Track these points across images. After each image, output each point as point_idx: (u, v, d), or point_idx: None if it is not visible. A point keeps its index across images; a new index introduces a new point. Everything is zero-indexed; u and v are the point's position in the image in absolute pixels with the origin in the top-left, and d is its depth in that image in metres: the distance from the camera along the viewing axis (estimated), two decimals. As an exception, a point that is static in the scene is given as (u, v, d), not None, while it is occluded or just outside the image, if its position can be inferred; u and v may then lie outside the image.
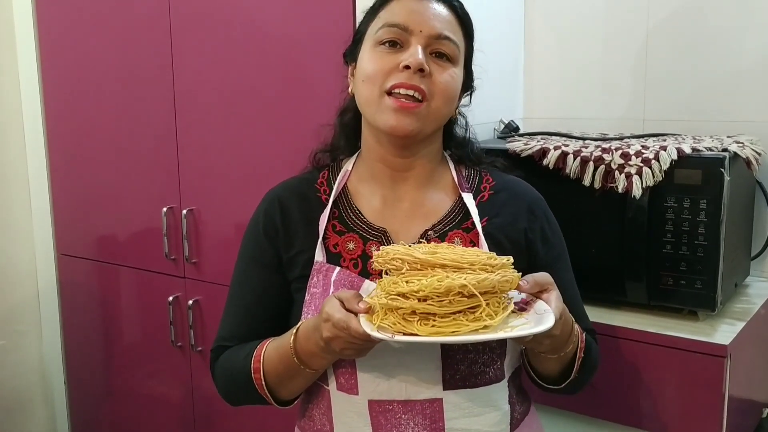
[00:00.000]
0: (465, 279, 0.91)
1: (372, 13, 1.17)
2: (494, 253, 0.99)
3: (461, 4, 1.17)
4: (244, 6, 1.85)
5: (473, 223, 1.15)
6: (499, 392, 1.12)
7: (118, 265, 2.25)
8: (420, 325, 0.92)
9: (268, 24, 1.82)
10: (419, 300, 0.92)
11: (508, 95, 2.04)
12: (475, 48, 1.21)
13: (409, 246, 1.00)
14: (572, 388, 1.17)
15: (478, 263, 0.95)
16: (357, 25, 1.22)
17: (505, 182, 1.22)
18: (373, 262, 1.02)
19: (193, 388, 2.15)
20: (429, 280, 0.92)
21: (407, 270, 0.96)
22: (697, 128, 1.79)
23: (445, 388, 1.08)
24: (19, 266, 2.45)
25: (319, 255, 1.14)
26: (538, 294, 1.02)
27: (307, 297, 1.13)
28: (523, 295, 1.03)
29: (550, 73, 2.04)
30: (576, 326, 1.11)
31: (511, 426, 1.15)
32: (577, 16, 1.97)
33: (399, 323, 0.92)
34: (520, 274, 1.00)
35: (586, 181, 1.50)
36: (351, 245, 1.15)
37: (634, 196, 1.45)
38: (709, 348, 1.36)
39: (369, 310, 0.97)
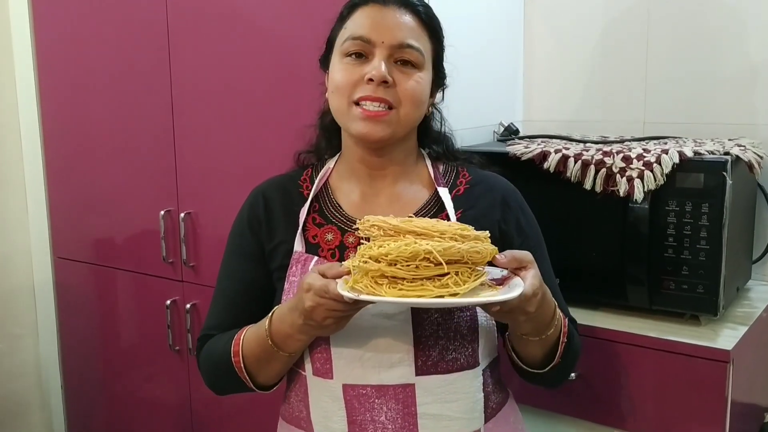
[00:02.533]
0: (430, 245, 0.94)
1: (340, 20, 1.21)
2: (471, 227, 1.02)
3: (426, 7, 1.19)
4: (243, 8, 1.84)
5: (448, 216, 1.18)
6: (472, 380, 1.14)
7: (116, 269, 2.24)
8: (388, 288, 0.95)
9: (267, 27, 1.81)
10: (389, 264, 0.95)
11: (508, 98, 2.03)
12: (446, 44, 1.24)
13: (391, 216, 1.04)
14: (555, 375, 1.18)
15: (449, 232, 0.98)
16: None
17: (480, 177, 1.26)
18: (349, 252, 1.12)
19: (190, 393, 2.13)
20: (396, 244, 0.95)
21: (381, 236, 1.00)
22: (697, 131, 1.78)
23: (417, 374, 1.11)
24: (15, 269, 2.43)
25: (299, 245, 1.19)
26: (516, 271, 1.03)
27: (286, 285, 1.18)
28: (505, 273, 1.05)
29: (549, 76, 2.03)
30: (559, 312, 1.13)
31: (485, 415, 1.17)
32: (576, 18, 1.96)
33: (370, 286, 0.96)
34: (496, 248, 1.02)
35: (587, 185, 1.50)
36: (329, 236, 1.20)
37: (636, 199, 1.44)
38: (712, 353, 1.35)
39: (348, 273, 1.01)
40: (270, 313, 1.13)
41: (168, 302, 2.10)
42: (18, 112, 2.38)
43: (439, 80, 1.25)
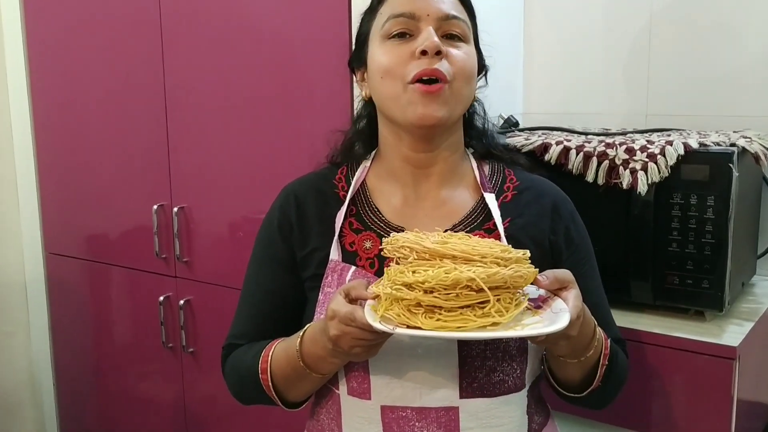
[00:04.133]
0: (474, 272, 0.87)
1: (370, 12, 1.15)
2: (510, 246, 0.95)
3: None
4: (236, 4, 1.81)
5: (495, 224, 1.11)
6: (518, 403, 1.07)
7: (108, 264, 2.21)
8: (425, 318, 0.88)
9: (259, 21, 1.78)
10: (425, 292, 0.88)
11: (508, 90, 2.00)
12: (479, 28, 1.18)
13: (422, 234, 0.96)
14: (595, 399, 1.11)
15: (491, 256, 0.90)
16: (354, 26, 1.20)
17: (529, 182, 1.18)
18: (389, 262, 1.00)
19: (184, 390, 2.10)
20: (435, 272, 0.88)
21: (414, 259, 0.92)
22: (701, 123, 1.74)
23: (461, 396, 1.04)
24: (6, 265, 2.40)
25: (335, 253, 1.11)
26: (557, 291, 0.96)
27: (320, 296, 1.10)
28: (542, 292, 0.98)
29: (550, 67, 2.00)
30: (599, 331, 1.05)
31: None
32: (577, 8, 1.93)
33: (403, 314, 0.89)
34: (537, 270, 0.94)
35: (590, 177, 1.46)
36: (368, 244, 1.12)
37: (640, 192, 1.40)
38: (718, 350, 1.32)
39: (376, 298, 0.94)
40: (301, 332, 1.05)
41: (161, 298, 2.07)
42: (9, 106, 2.35)
43: (481, 60, 1.18)
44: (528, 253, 0.94)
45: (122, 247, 2.17)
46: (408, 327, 0.88)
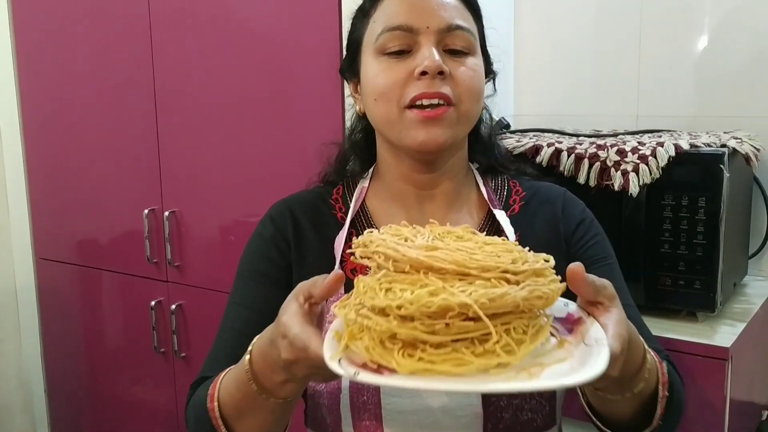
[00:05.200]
0: (470, 294, 0.63)
1: (362, 16, 1.03)
2: (526, 251, 0.72)
3: None
4: (226, 6, 1.80)
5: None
6: None
7: (99, 269, 2.20)
8: (402, 355, 0.64)
9: (250, 24, 1.77)
10: (403, 319, 0.64)
11: (498, 92, 2.00)
12: (486, 26, 1.08)
13: (408, 229, 0.75)
14: None
15: (495, 269, 0.66)
16: (344, 31, 1.11)
17: (534, 189, 1.09)
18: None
19: (176, 395, 2.09)
20: (416, 293, 0.63)
21: (392, 271, 0.68)
22: (692, 124, 1.75)
23: None
24: (-4, 271, 2.39)
25: None
26: (592, 310, 0.74)
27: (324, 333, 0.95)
28: (571, 309, 0.76)
29: (540, 69, 2.00)
30: (650, 356, 0.82)
31: None
32: (567, 10, 1.93)
33: (375, 349, 0.65)
34: (564, 284, 0.71)
35: (581, 179, 1.46)
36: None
37: (631, 194, 1.40)
38: (711, 351, 1.32)
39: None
40: (250, 346, 0.83)
41: (153, 303, 2.06)
42: (-2, 110, 2.33)
43: (487, 66, 1.06)
44: (551, 261, 0.72)
45: (113, 251, 2.15)
46: (378, 368, 0.65)
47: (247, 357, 0.82)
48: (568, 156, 1.47)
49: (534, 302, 0.66)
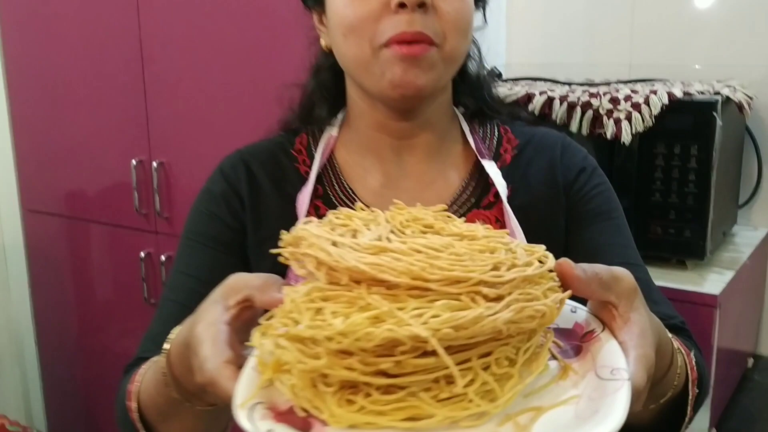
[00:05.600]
0: (425, 321, 0.44)
1: None
2: (517, 246, 0.53)
3: None
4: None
5: (495, 197, 0.88)
6: None
7: (87, 221, 2.18)
8: (339, 402, 0.46)
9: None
10: (339, 355, 0.46)
11: (490, 40, 1.97)
12: None
13: (362, 217, 0.56)
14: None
15: (467, 281, 0.47)
16: None
17: (527, 136, 0.94)
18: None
19: (168, 346, 2.10)
20: (350, 322, 0.45)
21: (326, 282, 0.50)
22: (685, 73, 1.73)
23: None
24: (-17, 223, 2.37)
25: None
26: (605, 312, 0.57)
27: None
28: (579, 317, 0.58)
29: (532, 17, 1.97)
30: (678, 357, 0.68)
31: None
32: (561, -43, 1.90)
33: (305, 390, 0.48)
34: (569, 292, 0.53)
35: (573, 127, 1.45)
36: None
37: (623, 142, 1.40)
38: (700, 298, 1.33)
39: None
40: (166, 343, 0.67)
41: (142, 254, 2.05)
42: (-20, 59, 2.28)
43: None
44: (551, 258, 0.54)
45: (101, 203, 2.14)
46: (307, 418, 0.47)
47: (163, 359, 0.67)
48: (561, 104, 1.46)
49: (524, 324, 0.48)
